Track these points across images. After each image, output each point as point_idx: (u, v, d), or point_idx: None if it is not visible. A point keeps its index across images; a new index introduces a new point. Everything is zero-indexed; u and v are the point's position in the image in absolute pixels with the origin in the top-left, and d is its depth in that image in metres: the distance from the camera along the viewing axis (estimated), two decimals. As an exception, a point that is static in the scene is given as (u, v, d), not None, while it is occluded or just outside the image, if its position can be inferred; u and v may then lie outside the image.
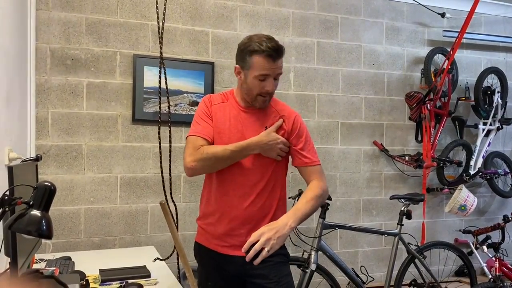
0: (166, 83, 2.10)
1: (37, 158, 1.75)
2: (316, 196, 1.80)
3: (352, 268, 2.98)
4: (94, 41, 2.98)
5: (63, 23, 2.91)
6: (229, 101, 1.90)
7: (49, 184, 1.23)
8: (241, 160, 1.78)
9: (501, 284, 3.08)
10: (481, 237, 3.49)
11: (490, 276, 3.21)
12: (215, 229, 1.83)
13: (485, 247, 3.35)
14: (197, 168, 1.75)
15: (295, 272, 2.86)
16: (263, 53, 1.70)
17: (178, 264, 2.38)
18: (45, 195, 1.21)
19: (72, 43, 2.93)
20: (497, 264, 3.18)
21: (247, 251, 1.61)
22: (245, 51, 1.76)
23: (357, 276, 2.97)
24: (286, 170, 1.92)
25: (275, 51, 1.71)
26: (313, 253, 2.78)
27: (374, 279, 3.13)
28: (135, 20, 3.07)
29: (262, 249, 1.61)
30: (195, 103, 3.16)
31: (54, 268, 1.78)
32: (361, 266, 3.18)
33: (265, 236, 1.61)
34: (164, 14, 1.95)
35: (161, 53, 2.02)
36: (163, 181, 2.13)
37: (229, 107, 1.89)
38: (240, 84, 1.84)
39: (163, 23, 1.99)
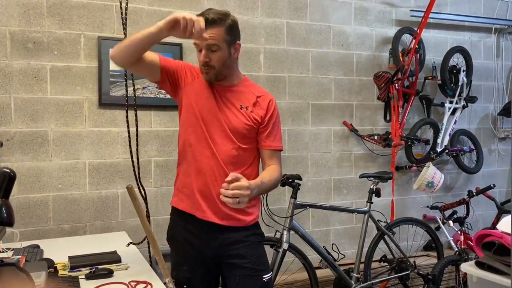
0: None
1: (-3, 145, 1.69)
2: (278, 177, 1.87)
3: (324, 246, 3.04)
4: (56, 23, 2.88)
5: (22, 5, 2.79)
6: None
7: (8, 171, 1.19)
8: (212, 140, 1.80)
9: (466, 257, 3.21)
10: (447, 213, 3.60)
11: (456, 249, 3.34)
12: (191, 188, 1.84)
13: (451, 222, 3.47)
14: (115, 54, 1.72)
15: (268, 251, 2.91)
16: None
17: (149, 248, 2.37)
18: (4, 182, 1.18)
19: (33, 25, 2.82)
20: (462, 238, 3.30)
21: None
22: None
23: (329, 253, 3.03)
24: (257, 153, 1.92)
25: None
26: (285, 232, 2.82)
27: (345, 256, 3.20)
28: (99, 1, 2.98)
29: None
30: (163, 86, 3.10)
31: (20, 257, 1.74)
32: (333, 244, 3.23)
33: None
34: (126, -6, 1.90)
35: (125, 34, 1.97)
36: (133, 166, 2.10)
37: (205, 83, 1.86)
38: None
39: (126, 3, 1.94)
